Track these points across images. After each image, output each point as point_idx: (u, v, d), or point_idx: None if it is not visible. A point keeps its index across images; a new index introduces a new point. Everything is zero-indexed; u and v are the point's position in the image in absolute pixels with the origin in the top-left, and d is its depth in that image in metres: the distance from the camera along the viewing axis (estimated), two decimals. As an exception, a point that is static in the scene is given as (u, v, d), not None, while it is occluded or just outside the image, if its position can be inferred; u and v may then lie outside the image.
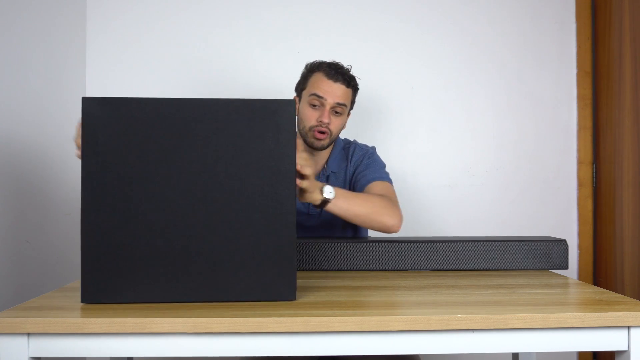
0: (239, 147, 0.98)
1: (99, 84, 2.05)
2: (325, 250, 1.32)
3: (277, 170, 0.99)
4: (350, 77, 1.54)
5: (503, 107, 2.13)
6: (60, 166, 1.77)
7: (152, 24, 2.07)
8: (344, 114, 1.55)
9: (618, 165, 1.94)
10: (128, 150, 0.96)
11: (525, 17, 2.13)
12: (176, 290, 0.97)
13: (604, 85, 2.04)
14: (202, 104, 0.99)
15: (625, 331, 0.93)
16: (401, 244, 1.33)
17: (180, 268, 0.97)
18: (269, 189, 0.99)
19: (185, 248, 0.97)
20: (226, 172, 0.98)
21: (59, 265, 1.76)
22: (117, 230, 0.96)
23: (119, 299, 0.97)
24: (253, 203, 0.98)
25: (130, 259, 0.96)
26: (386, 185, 1.49)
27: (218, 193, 0.98)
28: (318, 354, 0.91)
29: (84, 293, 0.96)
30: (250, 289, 0.99)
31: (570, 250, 2.08)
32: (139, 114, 0.97)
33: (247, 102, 0.99)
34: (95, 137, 0.96)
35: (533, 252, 1.34)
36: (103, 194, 0.96)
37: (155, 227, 0.96)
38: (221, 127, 0.98)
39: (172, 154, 0.97)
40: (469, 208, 2.11)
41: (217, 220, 0.98)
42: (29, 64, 1.62)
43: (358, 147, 1.63)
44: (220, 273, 0.98)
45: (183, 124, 0.98)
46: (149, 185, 0.96)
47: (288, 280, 0.99)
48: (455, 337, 0.91)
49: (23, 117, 1.57)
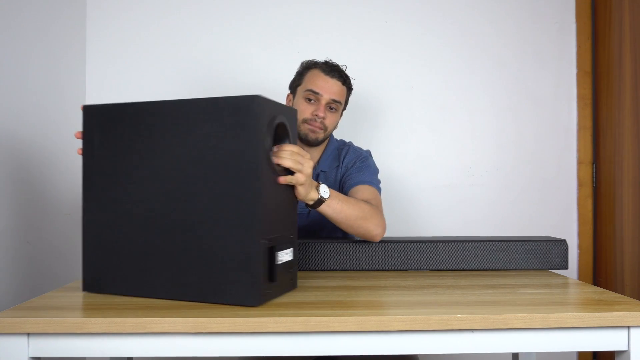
0: (207, 146, 0.97)
1: (98, 84, 2.05)
2: (325, 251, 1.32)
3: (240, 170, 0.95)
4: (346, 76, 1.55)
5: (503, 107, 2.12)
6: (60, 166, 1.77)
7: (151, 24, 2.07)
8: (338, 112, 1.56)
9: (618, 165, 1.94)
10: (115, 153, 1.05)
11: (525, 17, 2.13)
12: (154, 286, 1.01)
13: (604, 85, 2.04)
14: (174, 105, 1.01)
15: (625, 331, 0.93)
16: (401, 244, 1.33)
17: (157, 265, 1.01)
18: (233, 189, 0.95)
19: (162, 246, 1.00)
20: (195, 172, 0.98)
21: (59, 265, 1.76)
22: (108, 228, 1.05)
23: (108, 290, 1.05)
24: (218, 204, 0.96)
25: (118, 254, 1.04)
26: (373, 192, 1.45)
27: (188, 193, 0.99)
28: (318, 354, 0.91)
29: (83, 282, 1.08)
30: (216, 291, 0.96)
31: (570, 250, 2.08)
32: (124, 119, 1.05)
33: (212, 101, 0.97)
34: (92, 141, 1.07)
35: (533, 252, 1.34)
36: (97, 194, 1.06)
37: (136, 225, 1.03)
38: (191, 127, 0.99)
39: (150, 155, 1.02)
40: (469, 208, 2.11)
41: (188, 221, 0.98)
42: (29, 64, 1.62)
43: (352, 149, 1.62)
44: (190, 273, 0.98)
45: (159, 127, 1.01)
46: (131, 185, 1.04)
47: (252, 284, 0.94)
48: (455, 337, 0.91)
49: (23, 117, 1.57)
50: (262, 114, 0.94)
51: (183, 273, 0.98)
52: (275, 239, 0.99)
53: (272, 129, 0.98)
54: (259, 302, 0.94)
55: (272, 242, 0.97)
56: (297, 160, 1.04)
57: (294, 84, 1.59)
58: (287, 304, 0.97)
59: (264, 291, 0.95)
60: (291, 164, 1.03)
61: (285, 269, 1.03)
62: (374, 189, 1.47)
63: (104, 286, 1.06)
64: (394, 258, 1.32)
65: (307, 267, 1.32)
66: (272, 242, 0.98)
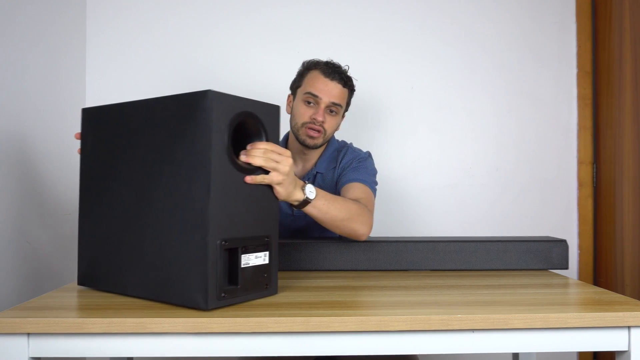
0: (167, 145, 0.96)
1: (98, 84, 2.05)
2: (325, 251, 1.32)
3: (194, 169, 0.91)
4: (347, 77, 1.51)
5: (503, 107, 2.12)
6: (60, 166, 1.77)
7: (151, 24, 2.07)
8: (338, 114, 1.53)
9: (618, 165, 1.94)
10: (101, 154, 1.08)
11: (525, 17, 2.13)
12: (128, 284, 1.03)
13: (604, 85, 2.04)
14: (142, 105, 1.01)
15: (626, 331, 0.93)
16: (401, 244, 1.33)
17: (129, 264, 1.02)
18: (189, 188, 0.92)
19: (132, 245, 1.01)
20: (157, 171, 0.98)
21: (59, 265, 1.76)
22: (96, 226, 1.08)
23: (95, 285, 1.09)
24: (176, 204, 0.94)
25: (102, 252, 1.07)
26: (365, 190, 1.42)
27: (152, 193, 0.99)
28: (318, 354, 0.91)
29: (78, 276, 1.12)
30: (175, 292, 0.94)
31: (571, 250, 2.08)
32: (107, 120, 1.07)
33: (171, 99, 0.96)
34: (86, 142, 1.11)
35: (533, 252, 1.33)
36: (89, 193, 1.10)
37: (114, 224, 1.05)
38: (154, 126, 0.99)
39: (123, 155, 1.03)
40: (469, 208, 2.11)
41: (152, 221, 0.98)
42: (29, 64, 1.62)
43: (350, 150, 1.59)
44: (153, 273, 0.98)
45: (131, 127, 1.03)
46: (111, 184, 1.06)
47: (204, 287, 0.90)
48: (455, 337, 0.91)
49: (23, 117, 1.57)
50: (214, 110, 0.90)
51: (148, 273, 0.98)
52: (239, 240, 0.94)
53: (231, 124, 0.93)
54: (211, 305, 0.90)
55: (232, 243, 0.93)
56: (271, 158, 0.99)
57: (294, 84, 1.57)
58: (287, 304, 0.97)
59: (219, 295, 0.91)
60: (262, 162, 0.97)
61: (255, 272, 0.98)
62: (366, 187, 1.43)
63: (93, 282, 1.09)
64: (394, 258, 1.32)
65: (307, 267, 1.32)
66: (233, 243, 0.93)
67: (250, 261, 0.97)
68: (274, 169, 1.00)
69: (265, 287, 1.01)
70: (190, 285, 0.92)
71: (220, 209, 0.91)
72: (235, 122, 0.94)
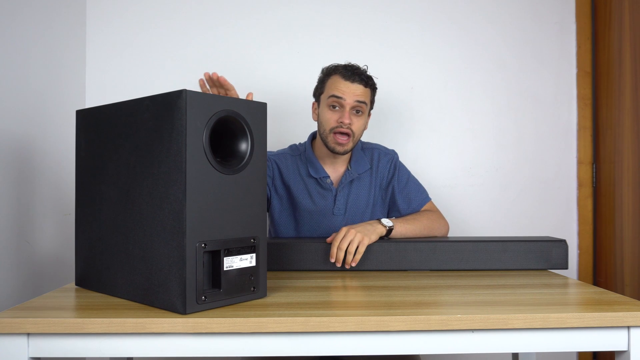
0: (146, 146, 0.95)
1: (98, 84, 2.05)
2: (325, 251, 1.32)
3: (171, 170, 0.90)
4: (368, 77, 1.53)
5: (503, 107, 2.12)
6: (60, 166, 1.77)
7: (151, 24, 2.07)
8: (364, 113, 1.54)
9: (618, 165, 1.94)
10: (92, 156, 1.09)
11: (525, 17, 2.13)
12: (116, 285, 1.03)
13: (604, 85, 2.04)
14: (125, 106, 1.01)
15: (625, 331, 0.93)
16: (401, 244, 1.33)
17: (115, 265, 1.02)
18: (168, 190, 0.90)
19: (118, 246, 1.02)
20: (138, 173, 0.97)
21: (58, 265, 1.76)
22: (89, 227, 1.09)
23: (90, 286, 1.10)
24: (156, 206, 0.93)
25: (94, 253, 1.08)
26: (428, 205, 1.63)
27: (133, 195, 0.98)
28: (318, 354, 0.91)
29: (75, 277, 1.14)
30: (155, 294, 0.93)
31: (570, 250, 2.08)
32: (97, 122, 1.08)
33: (150, 99, 0.94)
34: (80, 144, 1.13)
35: (533, 252, 1.33)
36: (83, 194, 1.12)
37: (103, 225, 1.06)
38: (135, 127, 0.98)
39: (109, 156, 1.04)
40: (469, 208, 2.11)
41: (134, 223, 0.98)
42: (29, 64, 1.62)
43: (382, 153, 1.64)
44: (136, 275, 0.98)
45: (115, 128, 1.03)
46: (100, 186, 1.07)
47: (179, 290, 0.88)
48: (455, 337, 0.91)
49: (22, 117, 1.57)
50: (190, 110, 0.88)
51: (134, 275, 0.98)
52: (221, 242, 0.92)
53: (208, 123, 0.91)
54: (189, 310, 0.88)
55: (213, 245, 0.91)
56: (350, 240, 1.25)
57: (317, 91, 1.59)
58: (287, 304, 0.97)
59: (199, 299, 0.89)
60: (350, 248, 1.25)
61: (240, 275, 0.96)
62: (428, 202, 1.64)
63: (87, 283, 1.11)
64: (394, 258, 1.32)
65: (307, 267, 1.32)
66: (214, 245, 0.92)
67: (234, 264, 0.95)
68: (358, 244, 1.26)
69: (252, 290, 0.99)
70: (170, 288, 0.90)
71: (199, 211, 0.89)
72: (214, 122, 0.92)
